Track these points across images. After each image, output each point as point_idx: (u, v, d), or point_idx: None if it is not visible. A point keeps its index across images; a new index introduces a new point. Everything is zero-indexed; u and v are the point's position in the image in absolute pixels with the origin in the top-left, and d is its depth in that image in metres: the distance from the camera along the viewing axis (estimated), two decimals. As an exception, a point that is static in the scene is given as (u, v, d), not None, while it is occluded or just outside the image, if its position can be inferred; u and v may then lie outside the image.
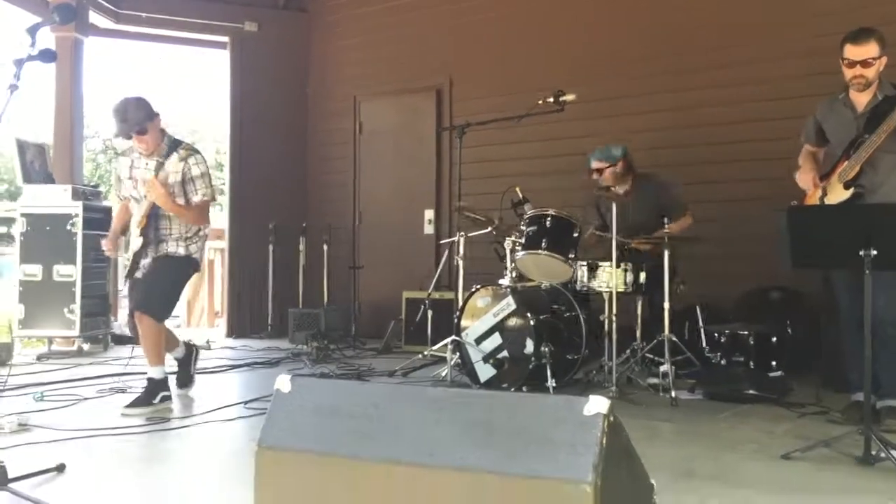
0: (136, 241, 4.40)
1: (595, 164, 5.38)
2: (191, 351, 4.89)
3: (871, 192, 3.83)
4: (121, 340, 7.03)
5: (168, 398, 4.41)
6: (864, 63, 3.82)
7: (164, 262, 4.44)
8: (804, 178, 4.07)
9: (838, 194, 3.89)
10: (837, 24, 4.17)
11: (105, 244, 4.57)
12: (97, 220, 6.66)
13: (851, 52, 3.84)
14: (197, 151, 4.48)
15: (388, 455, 1.72)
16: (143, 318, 4.34)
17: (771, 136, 5.62)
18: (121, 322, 8.12)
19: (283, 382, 1.89)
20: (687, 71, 6.25)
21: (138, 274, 4.47)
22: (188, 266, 4.53)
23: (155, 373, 4.36)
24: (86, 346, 6.67)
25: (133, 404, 4.24)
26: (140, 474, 3.18)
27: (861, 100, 3.94)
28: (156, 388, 4.34)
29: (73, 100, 7.39)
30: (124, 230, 4.55)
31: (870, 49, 3.81)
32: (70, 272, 6.40)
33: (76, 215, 6.43)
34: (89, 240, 6.49)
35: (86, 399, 4.59)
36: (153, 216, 4.40)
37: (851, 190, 3.85)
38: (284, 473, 1.80)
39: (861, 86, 3.87)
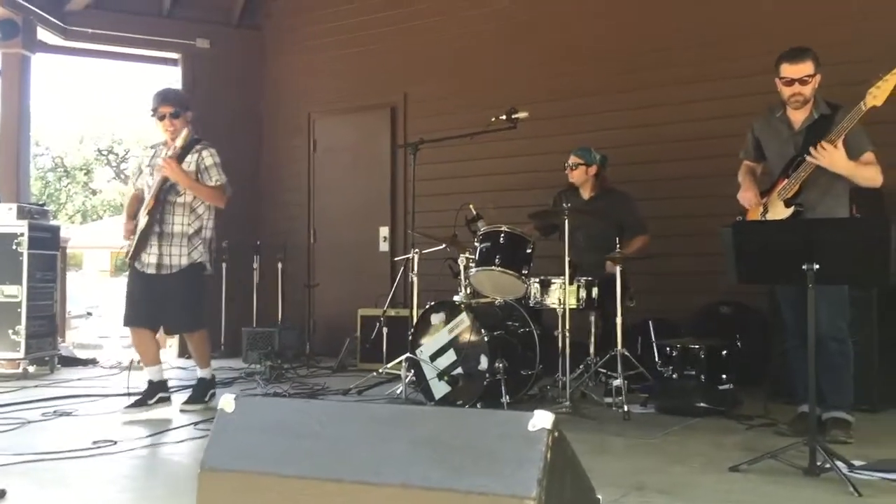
0: (143, 221, 4.72)
1: (572, 159, 5.53)
2: (164, 388, 4.87)
3: (810, 209, 3.92)
4: (68, 362, 6.85)
5: (214, 395, 4.98)
6: (802, 81, 3.92)
7: (172, 280, 4.74)
8: (746, 195, 4.15)
9: (779, 212, 3.97)
10: (792, 42, 4.21)
11: (124, 229, 4.90)
12: (44, 239, 6.52)
13: (788, 70, 3.94)
14: (211, 146, 4.89)
15: (334, 474, 1.70)
16: (188, 337, 5.04)
17: (723, 152, 5.62)
18: (69, 343, 7.94)
19: (227, 402, 1.86)
20: (641, 88, 6.35)
21: (142, 266, 4.73)
22: (195, 274, 4.83)
23: (204, 374, 4.99)
24: (31, 369, 6.50)
25: (189, 401, 4.90)
26: (83, 499, 3.09)
27: (797, 117, 4.03)
28: (206, 386, 4.98)
29: (21, 117, 7.25)
30: (135, 216, 4.86)
31: (806, 67, 3.91)
32: (15, 292, 6.25)
33: (21, 235, 6.29)
34: (35, 259, 6.36)
35: (30, 422, 4.47)
36: (160, 205, 4.73)
37: (792, 208, 3.94)
38: (227, 495, 1.76)
39: (799, 103, 3.97)
